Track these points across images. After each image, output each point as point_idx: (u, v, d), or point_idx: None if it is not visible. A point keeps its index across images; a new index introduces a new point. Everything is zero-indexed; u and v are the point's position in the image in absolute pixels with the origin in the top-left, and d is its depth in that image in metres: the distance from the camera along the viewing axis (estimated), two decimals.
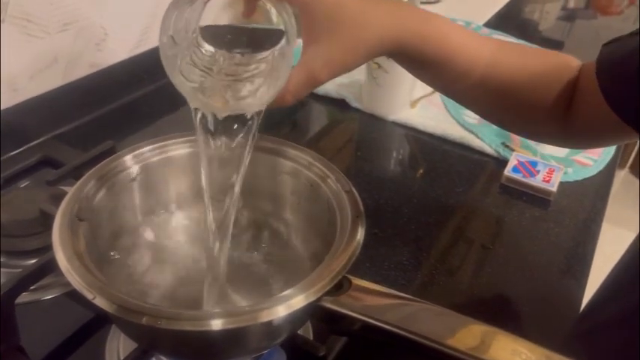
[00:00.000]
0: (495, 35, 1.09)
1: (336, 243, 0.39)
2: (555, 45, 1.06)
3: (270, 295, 0.34)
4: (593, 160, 0.77)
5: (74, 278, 0.35)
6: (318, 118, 0.86)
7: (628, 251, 0.57)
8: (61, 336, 0.48)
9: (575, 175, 0.73)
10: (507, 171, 0.70)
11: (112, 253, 0.44)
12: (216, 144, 0.40)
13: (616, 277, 0.59)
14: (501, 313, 0.56)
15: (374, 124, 0.83)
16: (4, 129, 0.66)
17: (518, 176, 0.70)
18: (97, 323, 0.49)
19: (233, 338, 0.35)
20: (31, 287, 0.49)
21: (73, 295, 0.50)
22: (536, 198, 0.69)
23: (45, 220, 0.53)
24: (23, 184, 0.63)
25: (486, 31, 1.12)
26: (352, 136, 0.82)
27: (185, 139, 0.48)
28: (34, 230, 0.53)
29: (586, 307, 0.59)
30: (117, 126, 0.76)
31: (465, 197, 0.69)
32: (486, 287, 0.57)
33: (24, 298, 0.49)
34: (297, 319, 0.36)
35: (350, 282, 0.37)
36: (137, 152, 0.45)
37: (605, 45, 0.48)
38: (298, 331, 0.43)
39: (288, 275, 0.44)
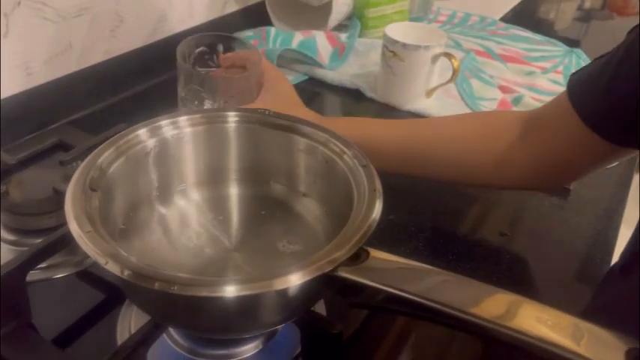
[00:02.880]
0: (512, 30, 1.08)
1: (353, 215, 0.38)
2: (572, 44, 1.05)
3: None
4: None
5: (86, 244, 0.34)
6: (333, 108, 0.85)
7: None
8: (73, 314, 0.47)
9: None
10: None
11: (124, 226, 0.43)
12: None
13: None
14: None
15: (389, 114, 0.81)
16: (18, 112, 0.66)
17: None
18: (109, 303, 0.48)
19: (248, 307, 0.34)
20: (43, 265, 0.48)
21: (85, 275, 0.50)
22: None
23: (58, 199, 0.52)
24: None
25: (502, 25, 1.10)
26: None
27: (201, 115, 0.47)
28: (48, 209, 0.53)
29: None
30: (130, 114, 0.76)
31: None
32: (505, 275, 0.56)
33: (36, 276, 0.49)
34: (313, 290, 0.35)
35: (368, 253, 0.36)
36: (153, 126, 0.45)
37: (571, 75, 0.52)
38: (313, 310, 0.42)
39: (305, 251, 0.43)
